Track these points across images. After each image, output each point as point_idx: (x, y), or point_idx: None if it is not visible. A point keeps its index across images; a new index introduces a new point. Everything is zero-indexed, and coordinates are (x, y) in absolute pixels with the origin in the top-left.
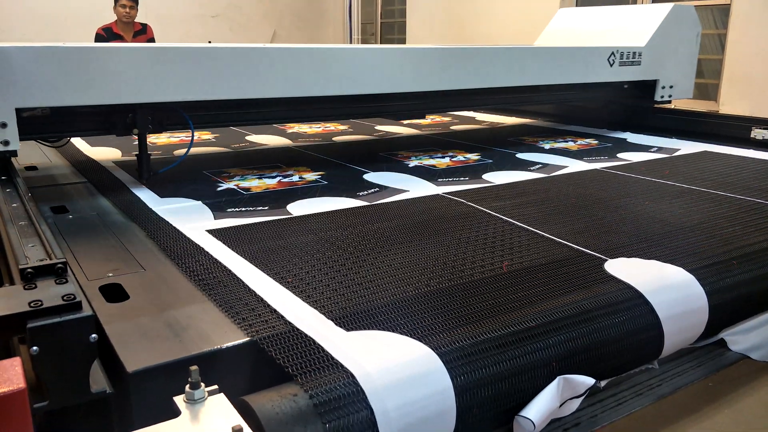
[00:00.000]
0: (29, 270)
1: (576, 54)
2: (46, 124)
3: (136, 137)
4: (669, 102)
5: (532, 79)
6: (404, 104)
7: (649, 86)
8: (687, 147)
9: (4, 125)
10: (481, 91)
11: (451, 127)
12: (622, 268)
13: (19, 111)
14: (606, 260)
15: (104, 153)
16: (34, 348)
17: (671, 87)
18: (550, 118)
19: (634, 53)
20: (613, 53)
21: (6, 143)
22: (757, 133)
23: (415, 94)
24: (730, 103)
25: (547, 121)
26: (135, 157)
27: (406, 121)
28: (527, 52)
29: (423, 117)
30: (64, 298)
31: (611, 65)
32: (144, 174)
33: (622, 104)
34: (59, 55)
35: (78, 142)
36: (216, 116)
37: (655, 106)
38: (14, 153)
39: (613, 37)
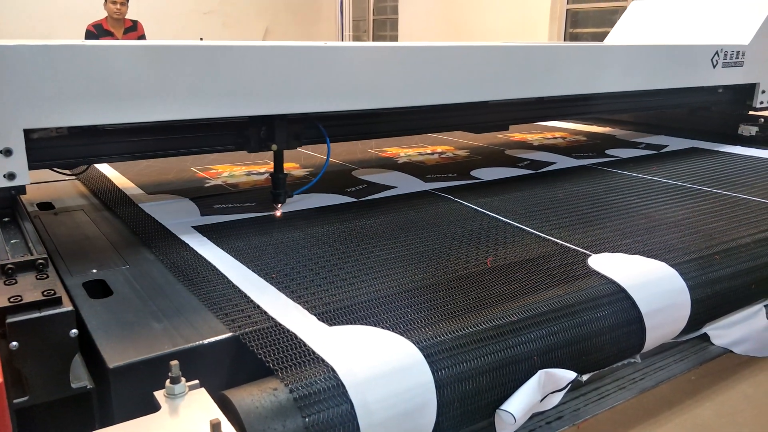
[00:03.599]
0: (9, 266)
1: (680, 53)
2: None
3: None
4: None
5: (632, 84)
6: (482, 115)
7: (746, 91)
8: (675, 143)
9: (7, 152)
10: (571, 99)
11: None
12: (605, 263)
13: (27, 132)
14: (590, 255)
15: None
16: (14, 343)
17: None
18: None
19: (738, 53)
20: (717, 53)
21: (11, 176)
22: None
23: (485, 104)
24: None
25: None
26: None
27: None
28: (625, 52)
29: (506, 129)
30: (44, 293)
31: (714, 67)
32: (282, 197)
33: (709, 111)
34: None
35: None
36: (354, 128)
37: (750, 113)
38: (22, 190)
39: (702, 35)
